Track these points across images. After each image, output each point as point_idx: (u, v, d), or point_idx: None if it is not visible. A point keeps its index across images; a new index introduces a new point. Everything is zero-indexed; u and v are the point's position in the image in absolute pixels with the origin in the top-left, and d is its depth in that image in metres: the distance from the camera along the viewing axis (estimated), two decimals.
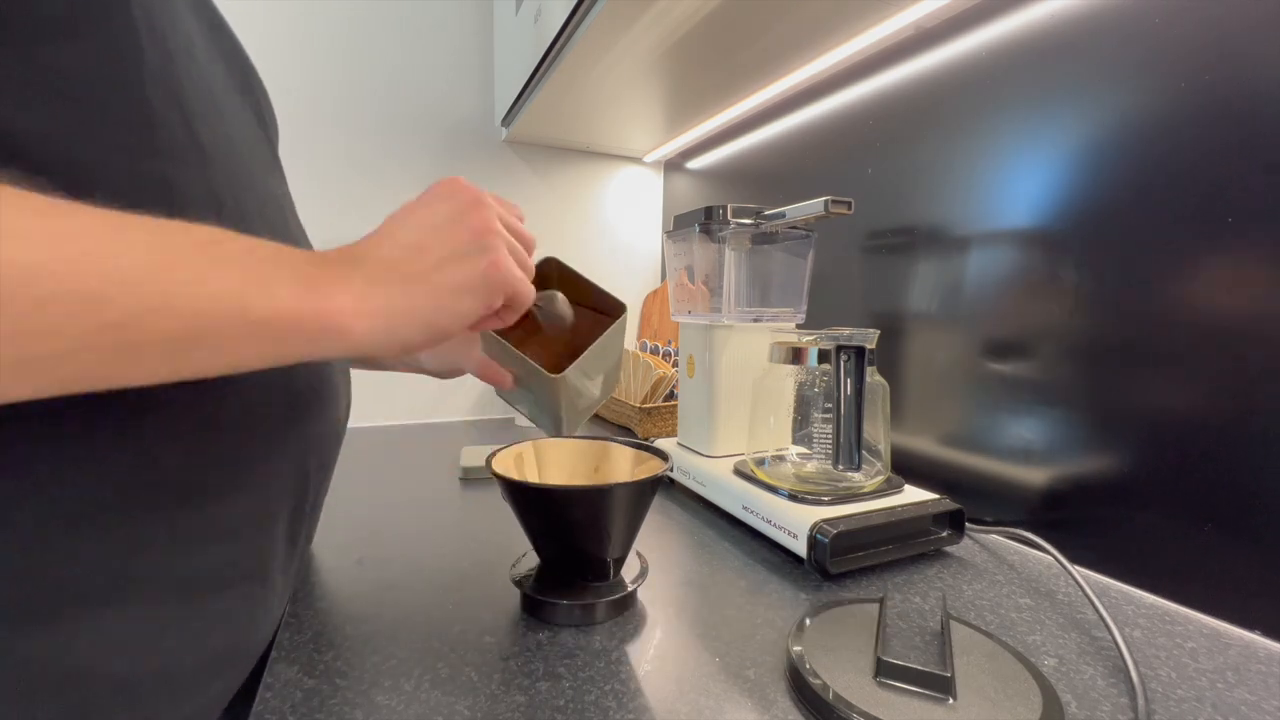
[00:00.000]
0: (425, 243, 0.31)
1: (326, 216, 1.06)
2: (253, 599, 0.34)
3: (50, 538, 0.25)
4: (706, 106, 0.99)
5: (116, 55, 0.26)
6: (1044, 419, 0.58)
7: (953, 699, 0.33)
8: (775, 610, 0.45)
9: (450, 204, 0.33)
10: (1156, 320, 0.50)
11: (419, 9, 1.10)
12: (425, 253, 0.31)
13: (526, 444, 0.51)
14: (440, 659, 0.38)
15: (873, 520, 0.52)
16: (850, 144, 0.81)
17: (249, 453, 0.32)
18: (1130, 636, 0.43)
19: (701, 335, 0.72)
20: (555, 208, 1.26)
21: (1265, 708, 0.36)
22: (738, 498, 0.61)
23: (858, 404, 0.53)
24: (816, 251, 0.72)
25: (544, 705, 0.34)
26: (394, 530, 0.60)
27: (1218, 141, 0.46)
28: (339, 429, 0.43)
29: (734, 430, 0.71)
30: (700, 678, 0.37)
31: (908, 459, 0.72)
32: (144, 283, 0.22)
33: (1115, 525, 0.52)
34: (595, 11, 0.68)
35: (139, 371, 0.23)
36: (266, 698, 0.35)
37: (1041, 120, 0.58)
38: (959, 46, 0.66)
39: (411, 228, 0.31)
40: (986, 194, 0.63)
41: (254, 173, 0.35)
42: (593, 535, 0.43)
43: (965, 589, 0.49)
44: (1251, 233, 0.44)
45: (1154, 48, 0.50)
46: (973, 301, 0.65)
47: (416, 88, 1.12)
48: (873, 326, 0.72)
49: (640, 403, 0.99)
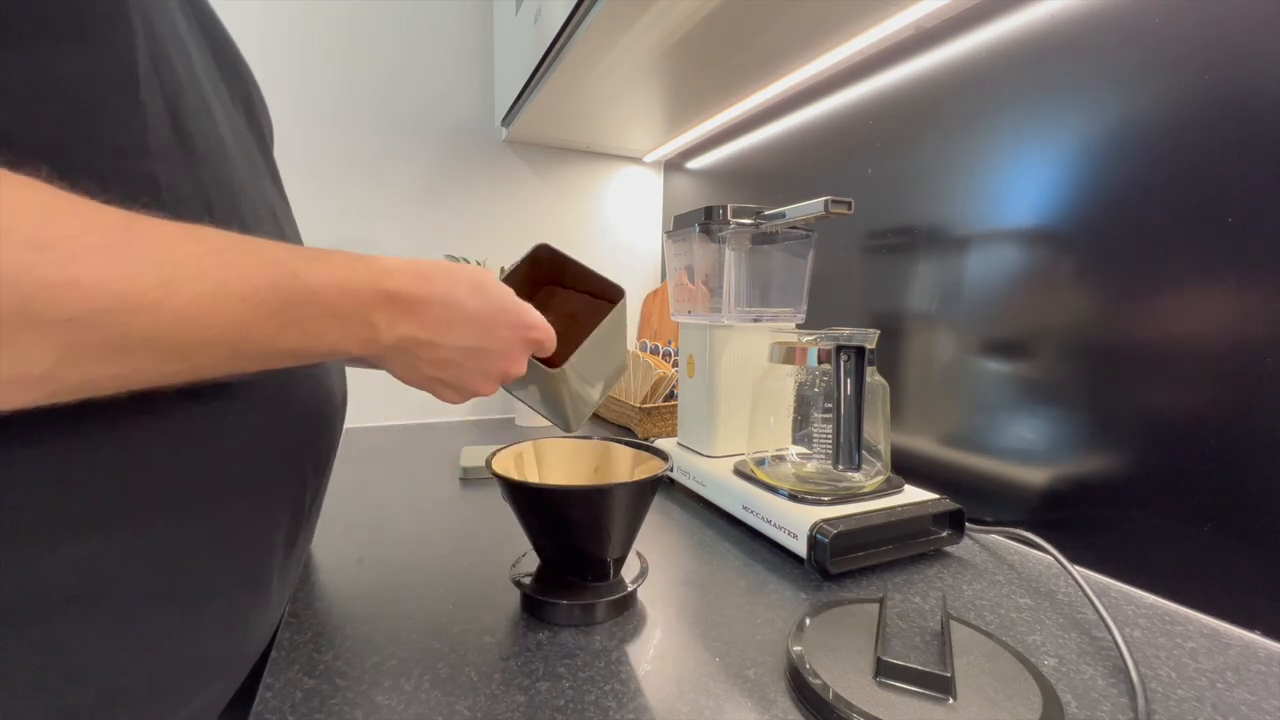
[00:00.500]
0: (465, 363, 0.37)
1: (326, 216, 1.06)
2: (250, 604, 0.34)
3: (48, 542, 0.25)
4: (706, 106, 0.99)
5: (112, 56, 0.26)
6: (1044, 419, 0.58)
7: (953, 699, 0.33)
8: (775, 610, 0.45)
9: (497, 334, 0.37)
10: (1156, 320, 0.50)
11: (419, 9, 1.10)
12: (462, 370, 0.37)
13: (526, 444, 0.51)
14: (440, 659, 0.38)
15: (873, 520, 0.52)
16: (850, 144, 0.81)
17: (247, 458, 0.32)
18: (1130, 636, 0.43)
19: (701, 335, 0.72)
20: (555, 208, 1.27)
21: (1265, 708, 0.36)
22: (738, 498, 0.61)
23: (858, 404, 0.53)
24: (816, 251, 0.72)
25: (544, 705, 0.34)
26: (394, 530, 0.60)
27: (1218, 141, 0.46)
28: (336, 433, 0.43)
29: (734, 430, 0.71)
30: (700, 678, 0.37)
31: (908, 459, 0.72)
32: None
33: (1115, 525, 0.52)
34: (595, 11, 0.68)
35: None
36: (266, 698, 0.35)
37: (1041, 120, 0.58)
38: (959, 46, 0.66)
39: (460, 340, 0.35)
40: (986, 194, 0.63)
41: (245, 174, 0.35)
42: (593, 535, 0.43)
43: (965, 589, 0.49)
44: (1252, 233, 0.44)
45: (1154, 48, 0.50)
46: (973, 301, 0.65)
47: (416, 88, 1.12)
48: (873, 326, 0.72)
49: (640, 403, 0.99)
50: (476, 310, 0.36)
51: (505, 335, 0.37)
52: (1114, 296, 0.53)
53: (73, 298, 0.20)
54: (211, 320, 0.24)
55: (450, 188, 1.16)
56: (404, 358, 0.35)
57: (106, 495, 0.26)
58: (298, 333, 0.28)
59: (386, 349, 0.33)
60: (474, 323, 0.36)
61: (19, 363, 0.20)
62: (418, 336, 0.34)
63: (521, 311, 0.38)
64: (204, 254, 0.24)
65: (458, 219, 1.17)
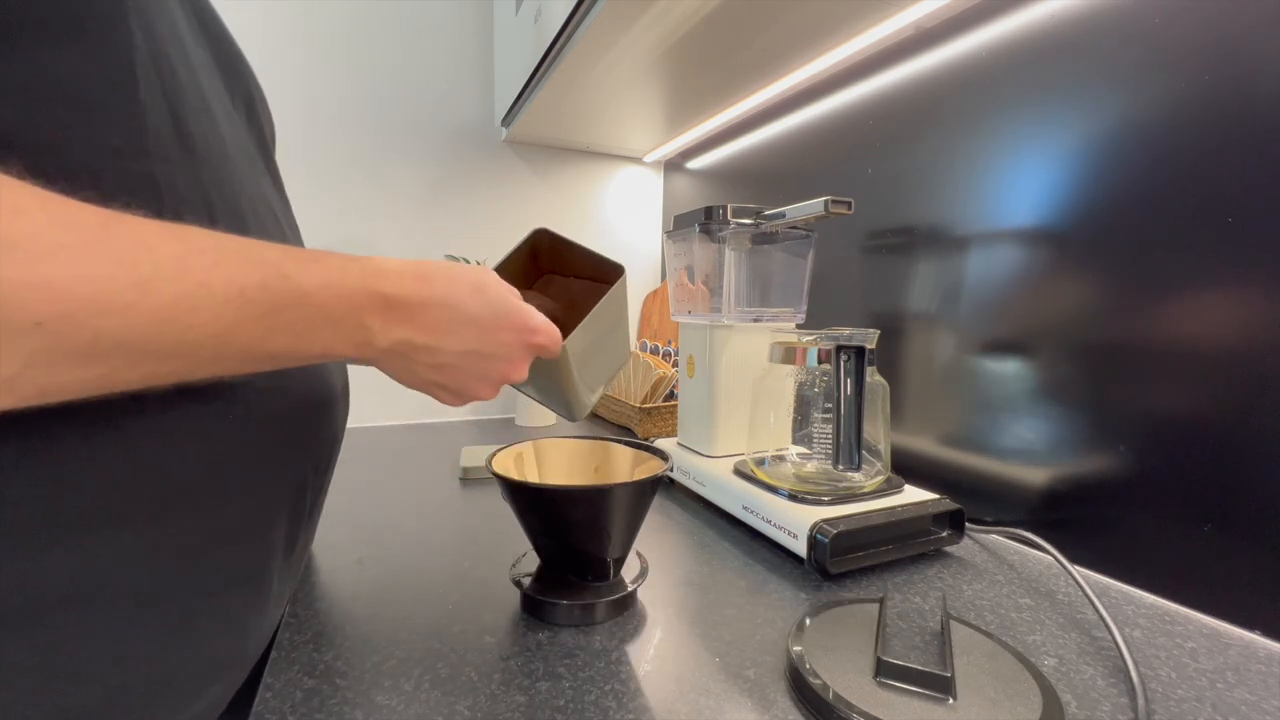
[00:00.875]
0: (465, 366, 0.36)
1: (327, 217, 1.06)
2: (251, 604, 0.34)
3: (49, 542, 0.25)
4: (706, 106, 0.99)
5: (111, 56, 0.26)
6: (1044, 419, 0.58)
7: (953, 699, 0.33)
8: (775, 610, 0.45)
9: (497, 336, 0.36)
10: (1156, 320, 0.50)
11: (419, 9, 1.10)
12: (461, 373, 0.36)
13: (526, 444, 0.51)
14: (440, 659, 0.38)
15: (873, 520, 0.52)
16: (850, 144, 0.81)
17: (249, 459, 0.32)
18: (1130, 636, 0.43)
19: (701, 335, 0.72)
20: (555, 208, 1.27)
21: (1265, 708, 0.36)
22: (738, 498, 0.61)
23: (858, 404, 0.53)
24: (816, 251, 0.72)
25: (544, 705, 0.34)
26: (394, 530, 0.60)
27: (1218, 141, 0.46)
28: (337, 435, 0.43)
29: (734, 430, 0.71)
30: (700, 678, 0.37)
31: (908, 459, 0.72)
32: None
33: (1115, 525, 0.52)
34: (595, 12, 0.68)
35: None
36: (266, 698, 0.35)
37: (1041, 120, 0.58)
38: (959, 46, 0.66)
39: (459, 343, 0.35)
40: (986, 194, 0.63)
41: (245, 174, 0.35)
42: (593, 535, 0.43)
43: (965, 589, 0.49)
44: (1251, 233, 0.44)
45: (1154, 48, 0.50)
46: (973, 301, 0.65)
47: (417, 88, 1.12)
48: (873, 326, 0.72)
49: (640, 403, 0.99)
50: (477, 313, 0.35)
51: (507, 339, 0.37)
52: (1114, 296, 0.53)
53: (41, 300, 0.20)
54: (191, 322, 0.24)
55: (450, 188, 1.16)
56: (400, 361, 0.34)
57: (105, 495, 0.26)
58: (288, 335, 0.28)
59: (381, 352, 0.32)
60: (474, 326, 0.35)
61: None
62: (414, 340, 0.33)
63: (525, 315, 0.37)
64: (186, 254, 0.24)
65: (458, 219, 1.17)
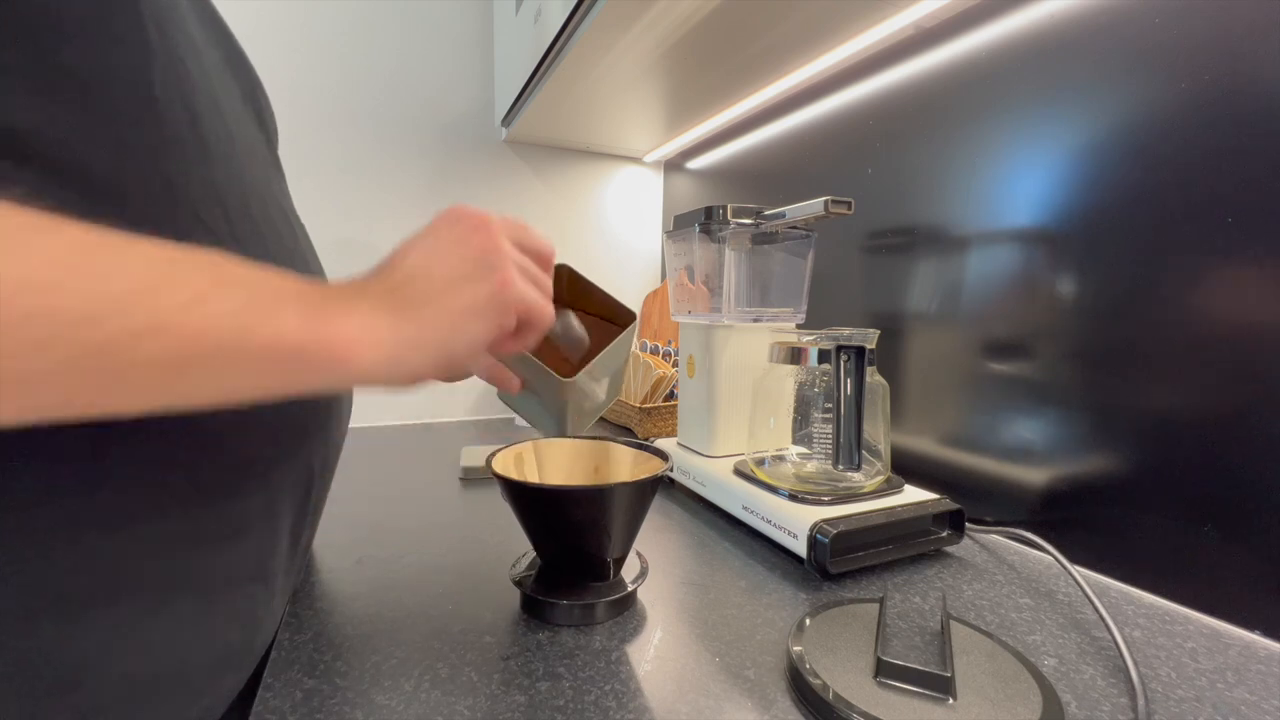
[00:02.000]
0: (429, 267, 0.30)
1: (326, 216, 1.06)
2: (258, 597, 0.34)
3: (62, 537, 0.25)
4: (706, 106, 0.99)
5: (128, 55, 0.26)
6: (1044, 419, 0.58)
7: (953, 699, 0.33)
8: (775, 610, 0.45)
9: (454, 228, 0.32)
10: (1156, 320, 0.50)
11: (419, 9, 1.10)
12: (430, 278, 0.30)
13: (526, 444, 0.51)
14: (440, 659, 0.38)
15: (873, 520, 0.52)
16: (850, 144, 0.81)
17: (259, 453, 0.33)
18: (1130, 636, 0.43)
19: (701, 335, 0.72)
20: (555, 208, 1.26)
21: (1265, 708, 0.36)
22: (738, 498, 0.61)
23: (858, 404, 0.53)
24: (816, 251, 0.72)
25: (544, 705, 0.34)
26: (394, 530, 0.60)
27: (1218, 142, 0.46)
28: (342, 431, 0.43)
29: (734, 430, 0.71)
30: (700, 678, 0.37)
31: (908, 459, 0.72)
32: (137, 302, 0.20)
33: (1115, 525, 0.52)
34: (595, 12, 0.68)
35: (128, 398, 0.22)
36: (266, 698, 0.35)
37: (1041, 120, 0.58)
38: (959, 46, 0.66)
39: (415, 254, 0.31)
40: (986, 194, 0.63)
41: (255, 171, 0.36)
42: (593, 535, 0.43)
43: (965, 589, 0.49)
44: (1251, 233, 0.44)
45: (1154, 48, 0.50)
46: (972, 301, 0.65)
47: (416, 88, 1.12)
48: (873, 326, 0.71)
49: (640, 403, 0.99)
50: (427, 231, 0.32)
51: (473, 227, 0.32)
52: (1114, 296, 0.53)
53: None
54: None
55: (450, 188, 1.16)
56: (399, 312, 0.29)
57: (121, 490, 0.26)
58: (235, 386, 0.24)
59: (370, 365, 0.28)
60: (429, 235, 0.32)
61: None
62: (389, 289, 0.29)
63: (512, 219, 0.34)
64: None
65: None
